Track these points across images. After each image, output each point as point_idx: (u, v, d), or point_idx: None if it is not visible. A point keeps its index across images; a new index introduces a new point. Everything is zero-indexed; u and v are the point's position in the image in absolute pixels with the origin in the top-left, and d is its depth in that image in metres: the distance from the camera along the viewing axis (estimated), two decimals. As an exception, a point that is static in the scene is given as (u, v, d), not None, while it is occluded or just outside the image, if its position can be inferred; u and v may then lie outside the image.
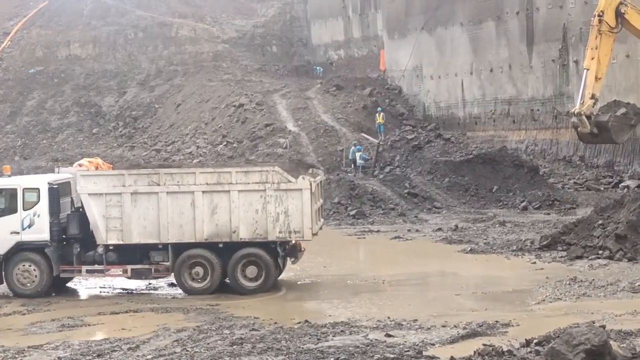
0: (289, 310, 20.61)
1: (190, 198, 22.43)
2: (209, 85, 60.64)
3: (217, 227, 22.45)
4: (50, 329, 19.29)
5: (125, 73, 65.62)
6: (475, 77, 51.03)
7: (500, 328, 17.56)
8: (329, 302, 21.54)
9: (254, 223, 22.38)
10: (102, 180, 22.80)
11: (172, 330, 18.39)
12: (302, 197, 22.33)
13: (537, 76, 46.77)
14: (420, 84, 55.36)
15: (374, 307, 20.50)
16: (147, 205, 22.50)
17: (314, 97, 56.09)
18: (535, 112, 47.05)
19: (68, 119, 62.29)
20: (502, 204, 37.73)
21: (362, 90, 56.16)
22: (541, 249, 26.95)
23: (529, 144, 46.86)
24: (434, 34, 53.77)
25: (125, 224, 22.51)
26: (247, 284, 22.50)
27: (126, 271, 22.89)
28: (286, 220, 22.31)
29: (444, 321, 18.35)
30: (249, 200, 22.38)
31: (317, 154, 47.15)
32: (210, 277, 22.56)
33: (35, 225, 22.77)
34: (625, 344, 14.43)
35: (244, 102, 55.16)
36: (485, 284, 22.97)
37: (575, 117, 26.41)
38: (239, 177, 22.53)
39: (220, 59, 66.38)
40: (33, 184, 23.33)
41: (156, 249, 22.73)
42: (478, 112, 51.09)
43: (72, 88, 64.63)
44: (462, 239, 30.06)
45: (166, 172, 22.99)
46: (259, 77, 63.37)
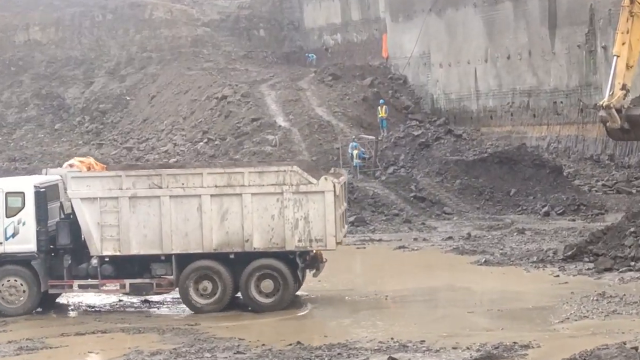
0: (278, 331, 20.57)
1: (197, 202, 22.30)
2: (188, 74, 60.58)
3: (228, 236, 22.34)
4: (7, 353, 19.19)
5: (92, 61, 65.57)
6: (491, 65, 51.02)
7: (519, 350, 17.56)
8: (325, 322, 21.55)
9: (270, 230, 22.28)
10: (96, 183, 22.60)
11: (145, 353, 18.34)
12: (324, 201, 22.23)
13: (561, 64, 46.78)
14: (428, 73, 55.33)
15: (375, 327, 20.48)
16: (147, 211, 22.36)
17: (307, 88, 56.05)
18: (559, 104, 47.06)
19: (27, 112, 62.20)
20: (521, 209, 37.68)
21: (361, 80, 56.11)
22: (565, 260, 26.94)
23: (552, 141, 46.86)
24: (444, 15, 53.77)
25: (122, 232, 22.35)
26: (262, 300, 22.37)
27: (124, 286, 22.73)
28: (306, 227, 22.20)
29: (455, 342, 18.35)
30: (264, 204, 22.28)
31: (310, 152, 47.10)
32: (219, 293, 22.39)
33: (20, 234, 22.63)
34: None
35: (228, 94, 55.12)
36: (502, 300, 22.96)
37: (604, 110, 26.48)
38: (253, 178, 22.40)
39: (201, 45, 66.32)
40: (17, 188, 23.15)
41: (158, 260, 22.60)
42: (493, 105, 51.08)
43: (32, 78, 64.55)
44: (476, 249, 30.04)
45: (169, 173, 22.84)
46: (245, 65, 63.31)
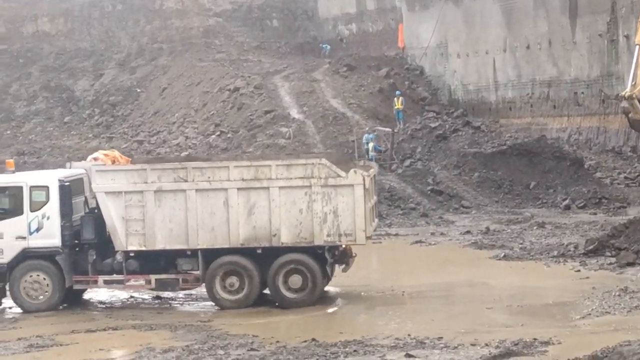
0: (292, 327, 20.62)
1: (224, 196, 22.25)
2: (199, 65, 60.63)
3: (255, 230, 22.28)
4: (16, 350, 19.25)
5: (101, 52, 65.72)
6: (510, 55, 50.90)
7: (539, 347, 17.52)
8: (340, 318, 21.57)
9: (298, 225, 22.22)
10: (121, 177, 22.57)
11: (157, 350, 18.36)
12: (354, 194, 22.13)
13: (582, 54, 46.63)
14: (445, 64, 55.25)
15: (392, 323, 20.47)
16: (173, 205, 22.31)
17: (322, 79, 56.03)
18: (580, 95, 46.92)
19: (36, 105, 62.40)
20: (541, 202, 37.58)
21: (377, 71, 56.09)
22: (586, 254, 26.89)
23: (572, 132, 46.74)
24: (461, 4, 53.68)
25: (148, 227, 22.31)
26: (290, 296, 22.35)
27: (149, 282, 22.76)
28: (335, 221, 22.12)
29: (474, 339, 18.31)
30: (292, 198, 22.21)
31: (325, 145, 47.09)
32: (247, 288, 22.36)
33: (44, 229, 22.63)
34: (685, 365, 14.42)
35: (240, 86, 55.18)
36: (521, 295, 22.92)
37: (626, 101, 26.39)
38: (280, 171, 22.32)
39: (212, 35, 66.36)
40: (41, 181, 23.18)
41: (184, 255, 22.58)
42: (513, 96, 50.98)
43: (41, 70, 64.72)
44: (495, 244, 29.99)
45: (195, 167, 22.73)
46: (258, 56, 63.34)
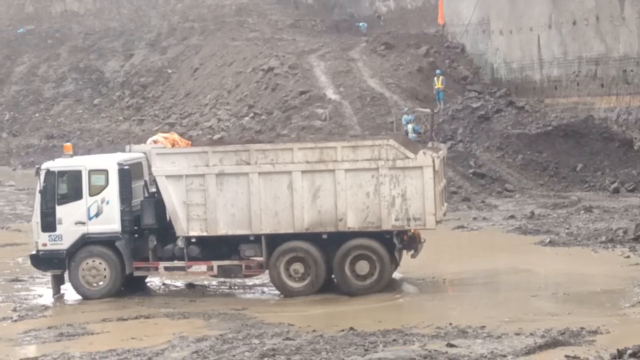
0: (329, 316, 20.64)
1: (288, 180, 22.26)
2: (232, 45, 60.69)
3: (320, 215, 22.29)
4: (47, 339, 19.45)
5: (131, 32, 65.96)
6: (555, 31, 50.55)
7: (587, 336, 17.47)
8: (379, 306, 21.57)
9: (365, 209, 22.19)
10: (181, 160, 22.61)
11: (190, 339, 18.46)
12: (423, 177, 22.03)
13: (631, 29, 46.23)
14: (488, 41, 54.95)
15: (433, 312, 20.51)
16: (235, 189, 22.37)
17: (359, 58, 55.92)
18: (629, 73, 46.53)
19: (64, 87, 62.76)
20: (588, 185, 37.41)
21: (416, 50, 55.86)
22: (636, 240, 26.78)
23: (621, 112, 46.38)
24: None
25: (209, 211, 22.38)
26: (357, 283, 22.36)
27: (212, 268, 22.85)
28: (404, 205, 22.06)
29: (518, 328, 18.29)
30: (359, 181, 22.18)
31: (362, 126, 47.00)
32: (312, 275, 22.42)
33: (103, 214, 22.78)
34: None
35: (274, 66, 55.16)
36: (568, 283, 22.86)
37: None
38: (346, 153, 22.27)
39: (245, 14, 66.41)
40: (100, 165, 23.32)
41: (247, 241, 22.64)
42: (558, 75, 50.64)
43: (69, 50, 65.09)
44: (540, 229, 29.90)
45: (258, 149, 22.67)
46: (292, 34, 63.29)
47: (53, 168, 23.07)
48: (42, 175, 22.95)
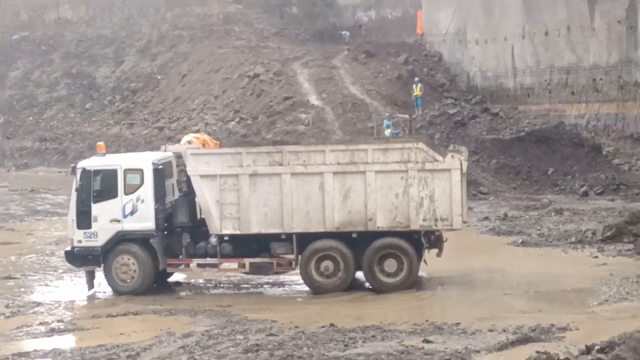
0: (310, 313, 20.61)
1: (319, 180, 22.11)
2: (219, 52, 60.68)
3: (351, 215, 22.15)
4: (38, 334, 19.37)
5: (122, 39, 65.84)
6: (528, 41, 50.73)
7: (557, 332, 17.53)
8: (358, 303, 21.55)
9: (394, 209, 22.08)
10: (215, 160, 22.39)
11: (177, 335, 18.42)
12: (451, 179, 21.94)
13: (601, 40, 46.42)
14: (464, 50, 55.11)
15: (410, 309, 20.51)
16: (268, 189, 22.19)
17: (341, 66, 56.01)
18: (598, 82, 46.72)
19: (57, 92, 62.61)
20: (559, 188, 37.46)
21: (396, 58, 56.03)
22: (604, 241, 26.83)
23: (590, 119, 46.58)
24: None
25: (242, 210, 22.18)
26: (385, 280, 22.22)
27: (243, 265, 22.65)
28: (432, 206, 21.96)
29: (491, 325, 18.33)
30: (388, 182, 22.06)
31: (344, 131, 47.09)
32: (342, 272, 22.22)
33: (138, 212, 22.50)
34: (702, 352, 14.37)
35: (260, 72, 55.21)
36: (539, 282, 22.85)
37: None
38: (377, 155, 22.13)
39: (232, 22, 66.40)
40: (135, 164, 22.99)
41: (278, 239, 22.43)
42: (531, 83, 50.83)
43: (62, 56, 64.92)
44: (513, 230, 29.94)
45: (290, 150, 22.48)
46: (277, 42, 63.30)
47: (89, 167, 22.77)
48: (78, 173, 22.61)
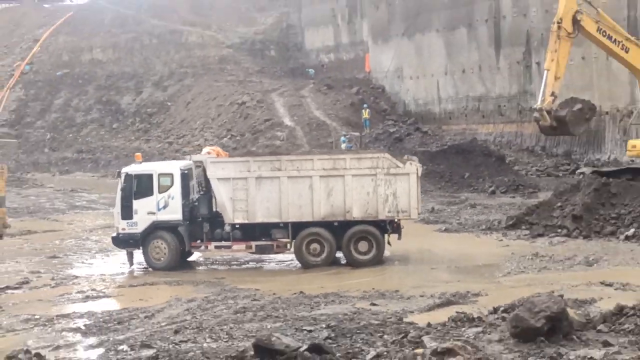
0: (285, 283, 20.58)
1: (309, 182, 22.00)
2: (215, 85, 60.50)
3: (333, 208, 22.07)
4: (76, 300, 19.28)
5: (141, 75, 65.45)
6: (450, 77, 50.99)
7: (471, 297, 17.61)
8: (321, 276, 21.52)
9: (366, 204, 22.02)
10: (229, 167, 22.33)
11: (183, 300, 18.37)
12: (409, 181, 21.95)
13: (504, 76, 46.75)
14: (401, 84, 55.30)
15: (361, 280, 20.49)
16: (269, 189, 22.04)
17: (308, 95, 56.01)
18: (502, 107, 47.04)
19: (91, 115, 62.17)
20: (473, 188, 37.63)
21: (349, 89, 56.09)
22: (507, 228, 26.88)
23: (497, 136, 46.87)
24: (413, 39, 53.67)
25: (250, 205, 22.03)
26: (359, 257, 22.19)
27: (250, 247, 22.52)
28: (394, 201, 21.93)
29: (422, 292, 18.37)
30: (362, 183, 21.97)
31: (310, 145, 47.10)
32: (326, 252, 22.20)
33: (169, 206, 22.34)
34: (580, 311, 14.46)
35: (246, 100, 55.08)
36: (458, 259, 22.96)
37: (537, 112, 26.42)
38: (353, 163, 22.11)
39: (225, 62, 66.19)
40: (167, 170, 22.92)
41: (277, 227, 22.29)
42: (452, 108, 51.08)
43: (95, 88, 64.47)
44: (438, 220, 30.02)
45: (287, 159, 22.45)
46: (259, 78, 63.20)
47: (131, 172, 22.72)
48: (122, 177, 22.60)
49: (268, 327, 14.91)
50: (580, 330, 12.26)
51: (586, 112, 26.68)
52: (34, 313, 17.62)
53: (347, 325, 14.57)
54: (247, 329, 15.07)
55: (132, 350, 13.84)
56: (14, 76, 65.53)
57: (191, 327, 15.41)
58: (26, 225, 31.78)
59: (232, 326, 15.34)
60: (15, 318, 17.23)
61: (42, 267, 23.71)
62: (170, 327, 15.60)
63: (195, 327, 15.33)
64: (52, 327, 16.42)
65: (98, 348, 14.45)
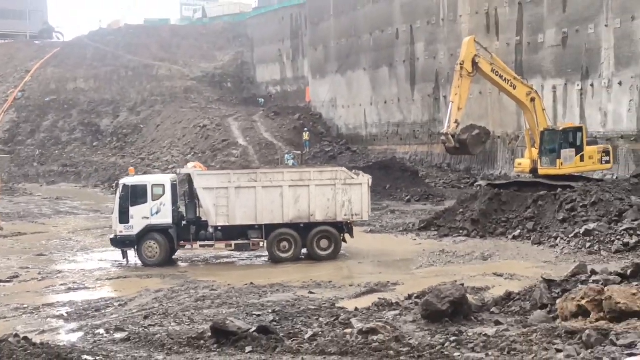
0: (238, 275, 20.41)
1: (280, 191, 21.79)
2: (181, 111, 59.83)
3: (299, 212, 21.93)
4: (60, 291, 18.79)
5: (118, 101, 64.36)
6: (374, 107, 51.46)
7: (391, 286, 17.71)
8: (268, 270, 21.42)
9: (327, 208, 21.95)
10: (213, 178, 22.02)
11: (152, 291, 18.08)
12: (362, 189, 22.02)
13: (418, 106, 47.39)
14: (335, 112, 55.58)
15: (301, 273, 20.46)
16: (247, 197, 21.76)
17: (258, 120, 55.82)
18: (416, 132, 47.64)
19: (75, 135, 60.82)
20: (393, 197, 37.88)
21: (293, 116, 56.09)
22: (420, 229, 27.08)
23: (412, 155, 47.43)
24: (345, 75, 54.03)
25: (230, 210, 21.73)
26: (321, 253, 22.11)
27: (230, 245, 22.16)
28: (350, 206, 21.92)
29: (351, 282, 18.43)
30: (323, 192, 21.90)
31: (260, 161, 46.88)
32: (293, 249, 22.03)
33: (161, 212, 21.92)
34: (477, 297, 14.70)
35: (207, 124, 54.58)
36: (381, 255, 23.07)
37: (444, 136, 26.81)
38: (316, 175, 22.05)
39: (190, 92, 65.56)
40: (160, 181, 22.51)
41: (253, 228, 22.03)
42: (376, 132, 51.53)
43: (78, 112, 63.13)
44: (364, 223, 29.96)
45: (262, 172, 22.29)
46: (218, 105, 62.75)
47: (128, 183, 22.28)
48: (120, 187, 22.22)
49: (223, 313, 14.76)
50: (477, 312, 12.47)
51: (482, 136, 27.14)
52: (22, 303, 17.12)
53: (289, 310, 14.54)
54: (206, 314, 14.90)
55: (107, 333, 13.55)
56: (8, 101, 63.75)
57: (158, 313, 15.17)
58: (17, 227, 30.98)
59: (193, 312, 15.15)
60: (6, 307, 16.70)
61: (31, 263, 23.06)
62: (141, 313, 15.33)
63: (162, 313, 15.09)
64: (39, 314, 15.99)
65: (78, 332, 14.10)
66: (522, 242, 23.47)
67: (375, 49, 50.56)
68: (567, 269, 14.54)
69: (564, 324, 10.45)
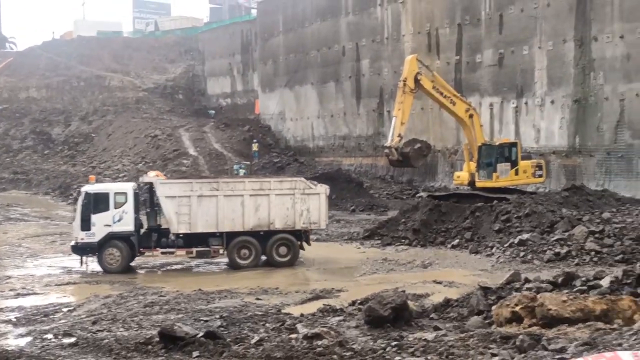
0: (187, 282, 20.11)
1: (241, 200, 21.47)
2: (133, 121, 58.84)
3: (259, 220, 21.64)
4: (8, 297, 18.13)
5: (70, 111, 62.92)
6: (321, 120, 51.67)
7: (336, 293, 17.70)
8: (217, 277, 21.18)
9: (286, 217, 21.74)
10: (175, 187, 21.53)
11: (100, 296, 17.62)
12: (319, 199, 21.91)
13: (363, 120, 47.81)
14: (284, 124, 55.59)
15: (249, 280, 20.27)
16: (208, 205, 21.37)
17: (209, 131, 55.34)
18: (361, 144, 48.03)
19: (26, 143, 59.15)
20: (338, 207, 37.95)
21: (242, 127, 55.83)
22: (364, 238, 27.15)
23: (357, 166, 47.76)
24: (293, 89, 54.14)
25: (192, 218, 21.30)
26: (280, 259, 21.84)
27: (191, 252, 21.68)
28: (308, 215, 21.79)
29: (297, 288, 18.35)
30: (283, 201, 21.67)
31: (210, 171, 46.44)
32: (253, 256, 21.73)
33: (123, 219, 21.31)
34: (418, 303, 14.81)
35: (158, 134, 53.80)
36: (326, 262, 23.07)
37: (387, 149, 27.05)
38: (276, 185, 21.79)
39: (141, 103, 64.59)
40: (122, 189, 21.87)
41: (214, 236, 21.65)
42: (323, 144, 51.73)
43: (30, 121, 61.45)
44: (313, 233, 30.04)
45: (223, 181, 21.87)
46: (169, 116, 61.98)
47: (90, 190, 21.59)
48: (82, 195, 21.54)
49: (172, 318, 14.47)
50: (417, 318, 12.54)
51: (424, 149, 27.47)
52: (-31, 309, 16.43)
53: (237, 315, 14.35)
54: (154, 320, 14.58)
55: (55, 338, 13.11)
56: (-42, 108, 61.63)
57: (107, 318, 14.78)
58: (-35, 234, 29.79)
59: (142, 318, 14.82)
60: (-48, 313, 15.99)
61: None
62: (89, 319, 14.90)
63: (110, 319, 14.71)
64: (-14, 320, 15.36)
65: (27, 337, 13.60)
66: (460, 251, 23.80)
67: (323, 64, 50.83)
68: (502, 277, 14.80)
69: (499, 330, 10.59)
